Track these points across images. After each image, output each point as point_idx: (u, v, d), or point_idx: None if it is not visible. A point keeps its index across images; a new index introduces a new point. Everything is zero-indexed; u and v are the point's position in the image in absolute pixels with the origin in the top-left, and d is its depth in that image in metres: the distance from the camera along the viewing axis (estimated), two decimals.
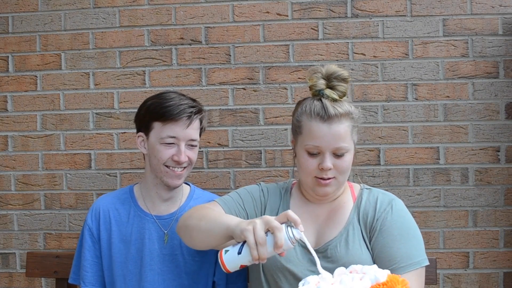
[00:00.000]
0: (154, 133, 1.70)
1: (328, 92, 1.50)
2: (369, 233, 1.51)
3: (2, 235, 2.32)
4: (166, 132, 1.67)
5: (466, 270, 2.16)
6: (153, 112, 1.69)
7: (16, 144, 2.32)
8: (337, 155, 1.48)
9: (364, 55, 2.19)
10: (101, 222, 1.77)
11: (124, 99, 2.28)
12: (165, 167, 1.70)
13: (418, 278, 1.43)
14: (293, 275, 1.49)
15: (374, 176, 2.18)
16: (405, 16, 2.18)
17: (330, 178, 1.49)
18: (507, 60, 2.15)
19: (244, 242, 1.27)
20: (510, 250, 2.14)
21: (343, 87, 1.51)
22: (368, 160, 2.19)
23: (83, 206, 2.28)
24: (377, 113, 2.19)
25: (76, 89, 2.30)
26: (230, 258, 1.29)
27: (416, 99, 2.17)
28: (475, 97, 2.16)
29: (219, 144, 2.24)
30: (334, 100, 1.49)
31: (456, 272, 2.16)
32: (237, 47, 2.24)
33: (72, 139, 2.30)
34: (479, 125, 2.15)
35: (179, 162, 1.69)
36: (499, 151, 2.15)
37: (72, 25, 2.30)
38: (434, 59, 2.17)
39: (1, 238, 2.32)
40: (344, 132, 1.47)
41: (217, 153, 2.24)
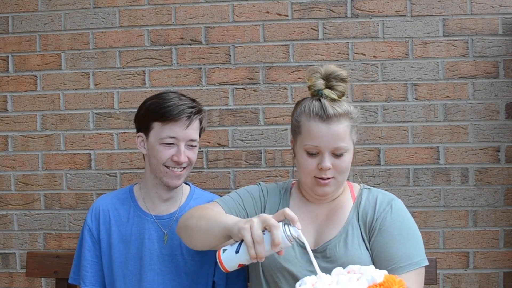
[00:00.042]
0: (154, 133, 1.70)
1: (327, 92, 1.50)
2: (369, 233, 1.51)
3: (2, 235, 2.32)
4: (165, 132, 1.67)
5: (466, 270, 2.16)
6: (152, 112, 1.69)
7: (16, 144, 2.32)
8: (336, 155, 1.48)
9: (364, 55, 2.19)
10: (101, 222, 1.77)
11: (124, 99, 2.28)
12: (165, 167, 1.70)
13: (417, 278, 1.43)
14: (292, 275, 1.49)
15: (374, 176, 2.18)
16: (405, 16, 2.18)
17: (329, 178, 1.49)
18: (507, 60, 2.14)
19: (242, 241, 1.27)
20: (510, 250, 2.14)
21: (342, 87, 1.51)
22: (368, 160, 2.19)
23: (83, 206, 2.28)
24: (377, 113, 2.19)
25: (76, 89, 2.30)
26: (228, 257, 1.29)
27: (416, 99, 2.17)
28: (475, 97, 2.16)
29: (219, 144, 2.24)
30: (333, 100, 1.49)
31: (456, 272, 2.16)
32: (237, 47, 2.24)
33: (72, 139, 2.30)
34: (479, 125, 2.15)
35: (178, 162, 1.68)
36: (499, 151, 2.15)
37: (72, 25, 2.30)
38: (434, 59, 2.17)
39: (1, 238, 2.32)
40: (343, 132, 1.47)
41: (217, 153, 2.24)
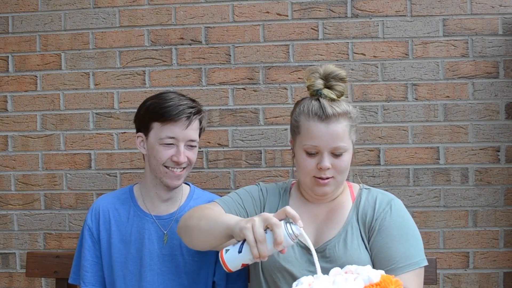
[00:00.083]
0: (153, 133, 1.70)
1: (326, 91, 1.50)
2: (368, 233, 1.51)
3: (2, 235, 2.32)
4: (165, 132, 1.67)
5: (466, 270, 2.16)
6: (152, 112, 1.69)
7: (16, 144, 2.32)
8: (336, 154, 1.48)
9: (364, 55, 2.19)
10: (100, 222, 1.77)
11: (124, 99, 2.28)
12: (165, 167, 1.70)
13: (416, 279, 1.43)
14: (291, 275, 1.49)
15: (374, 176, 2.18)
16: (405, 16, 2.18)
17: (329, 178, 1.49)
18: (507, 60, 2.14)
19: (244, 240, 1.27)
20: (510, 250, 2.14)
21: (341, 86, 1.51)
22: (368, 160, 2.19)
23: (83, 206, 2.28)
24: (377, 113, 2.18)
25: (76, 89, 2.30)
26: (231, 257, 1.29)
27: (416, 99, 2.17)
28: (475, 97, 2.16)
29: (219, 144, 2.24)
30: (332, 99, 1.49)
31: (456, 272, 2.16)
32: (237, 47, 2.24)
33: (72, 139, 2.30)
34: (479, 125, 2.15)
35: (178, 162, 1.68)
36: (499, 151, 2.15)
37: (72, 25, 2.30)
38: (434, 59, 2.17)
39: (1, 238, 2.32)
40: (342, 131, 1.47)
41: (217, 153, 2.24)
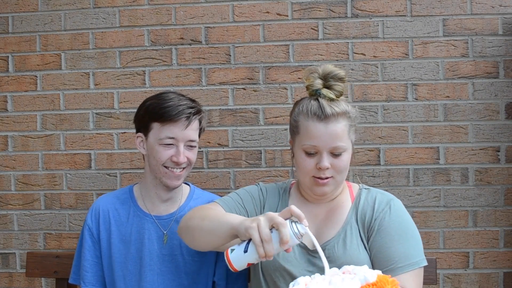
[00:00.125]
0: (153, 133, 1.69)
1: (325, 91, 1.50)
2: (367, 233, 1.51)
3: (2, 235, 2.32)
4: (164, 133, 1.67)
5: (466, 270, 2.15)
6: (152, 112, 1.69)
7: (16, 144, 2.32)
8: (335, 154, 1.48)
9: (364, 55, 2.19)
10: (100, 222, 1.77)
11: (124, 99, 2.28)
12: (164, 167, 1.70)
13: (416, 279, 1.43)
14: (290, 275, 1.49)
15: (374, 176, 2.18)
16: (405, 16, 2.18)
17: (328, 178, 1.49)
18: (507, 60, 2.14)
19: (249, 240, 1.26)
20: (510, 250, 2.14)
21: (340, 86, 1.51)
22: (368, 160, 2.19)
23: (83, 206, 2.28)
24: (377, 113, 2.18)
25: (76, 89, 2.30)
26: (236, 257, 1.28)
27: (416, 99, 2.17)
28: (475, 97, 2.16)
29: (219, 144, 2.24)
30: (331, 99, 1.50)
31: (456, 272, 2.16)
32: (237, 47, 2.24)
33: (72, 139, 2.30)
34: (479, 125, 2.15)
35: (178, 163, 1.68)
36: (499, 151, 2.15)
37: (72, 25, 2.30)
38: (434, 59, 2.17)
39: (1, 238, 2.32)
40: (341, 131, 1.47)
41: (217, 153, 2.24)
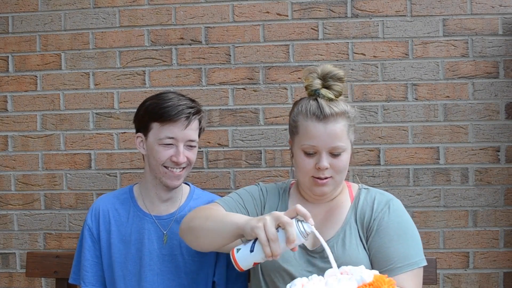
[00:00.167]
0: (153, 133, 1.69)
1: (324, 91, 1.50)
2: (366, 233, 1.51)
3: (2, 235, 2.32)
4: (164, 132, 1.67)
5: (466, 270, 2.15)
6: (151, 112, 1.69)
7: (16, 144, 2.32)
8: (334, 154, 1.48)
9: (364, 55, 2.19)
10: (100, 222, 1.77)
11: (124, 99, 2.28)
12: (164, 167, 1.70)
13: (415, 279, 1.43)
14: (290, 275, 1.49)
15: (374, 176, 2.18)
16: (405, 16, 2.18)
17: (327, 178, 1.49)
18: (507, 60, 2.14)
19: (255, 239, 1.26)
20: (510, 250, 2.14)
21: (338, 86, 1.51)
22: (368, 160, 2.19)
23: (83, 206, 2.28)
24: (377, 113, 2.18)
25: (76, 89, 2.30)
26: (242, 257, 1.28)
27: (416, 99, 2.17)
28: (475, 97, 2.16)
29: (219, 144, 2.24)
30: (330, 99, 1.49)
31: (456, 272, 2.16)
32: (237, 47, 2.24)
33: (72, 139, 2.30)
34: (479, 125, 2.15)
35: (177, 163, 1.68)
36: (499, 151, 2.15)
37: (72, 25, 2.30)
38: (434, 59, 2.17)
39: (1, 238, 2.32)
40: (340, 131, 1.47)
41: (217, 153, 2.24)
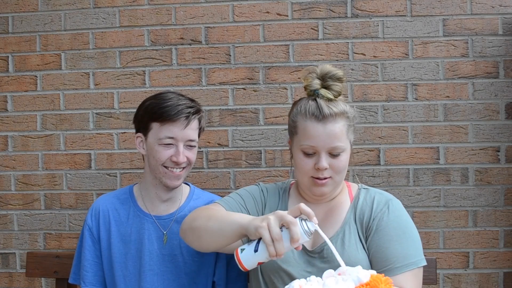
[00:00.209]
0: (152, 133, 1.69)
1: (323, 91, 1.50)
2: (365, 233, 1.51)
3: (2, 235, 2.32)
4: (164, 132, 1.67)
5: (466, 270, 2.15)
6: (151, 112, 1.69)
7: (16, 144, 2.32)
8: (333, 154, 1.48)
9: (364, 55, 2.19)
10: (100, 222, 1.77)
11: (124, 99, 2.28)
12: (164, 167, 1.69)
13: (414, 279, 1.43)
14: (289, 275, 1.49)
15: (374, 176, 2.18)
16: (405, 16, 2.18)
17: (327, 178, 1.49)
18: (507, 60, 2.14)
19: (259, 239, 1.26)
20: (510, 250, 2.14)
21: (338, 86, 1.51)
22: (368, 160, 2.19)
23: (83, 206, 2.28)
24: (377, 113, 2.18)
25: (76, 89, 2.30)
26: (246, 257, 1.28)
27: (416, 99, 2.17)
28: (475, 97, 2.16)
29: (219, 144, 2.24)
30: (329, 99, 1.49)
31: (456, 272, 2.16)
32: (237, 47, 2.24)
33: (72, 139, 2.30)
34: (479, 125, 2.15)
35: (177, 162, 1.68)
36: (499, 151, 2.15)
37: (72, 25, 2.30)
38: (434, 59, 2.17)
39: (1, 238, 2.32)
40: (339, 131, 1.47)
41: (217, 153, 2.24)
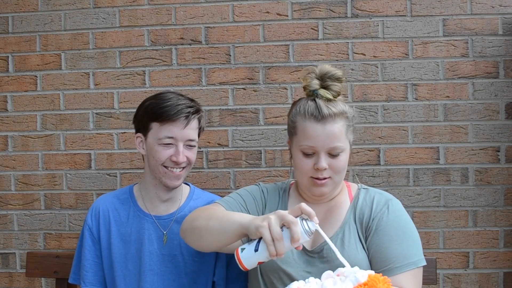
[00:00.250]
0: (152, 133, 1.69)
1: (322, 92, 1.50)
2: (365, 233, 1.51)
3: (2, 235, 2.32)
4: (163, 132, 1.67)
5: (466, 270, 2.15)
6: (150, 112, 1.69)
7: (16, 144, 2.32)
8: (332, 155, 1.48)
9: (364, 55, 2.19)
10: (100, 222, 1.77)
11: (124, 99, 2.28)
12: (164, 167, 1.69)
13: (414, 279, 1.42)
14: (288, 276, 1.49)
15: (374, 176, 2.18)
16: (405, 16, 2.18)
17: (326, 178, 1.49)
18: (507, 60, 2.14)
19: (260, 238, 1.26)
20: (510, 250, 2.14)
21: (337, 86, 1.51)
22: (368, 160, 2.19)
23: (83, 206, 2.28)
24: (377, 113, 2.18)
25: (76, 89, 2.30)
26: (247, 256, 1.28)
27: (416, 99, 2.17)
28: (475, 97, 2.16)
29: (219, 144, 2.24)
30: (328, 100, 1.49)
31: (456, 272, 2.16)
32: (237, 47, 2.24)
33: (72, 139, 2.30)
34: (479, 125, 2.15)
35: (177, 162, 1.68)
36: (499, 151, 2.15)
37: (72, 25, 2.30)
38: (434, 59, 2.17)
39: (1, 238, 2.32)
40: (338, 131, 1.47)
41: (217, 153, 2.24)
